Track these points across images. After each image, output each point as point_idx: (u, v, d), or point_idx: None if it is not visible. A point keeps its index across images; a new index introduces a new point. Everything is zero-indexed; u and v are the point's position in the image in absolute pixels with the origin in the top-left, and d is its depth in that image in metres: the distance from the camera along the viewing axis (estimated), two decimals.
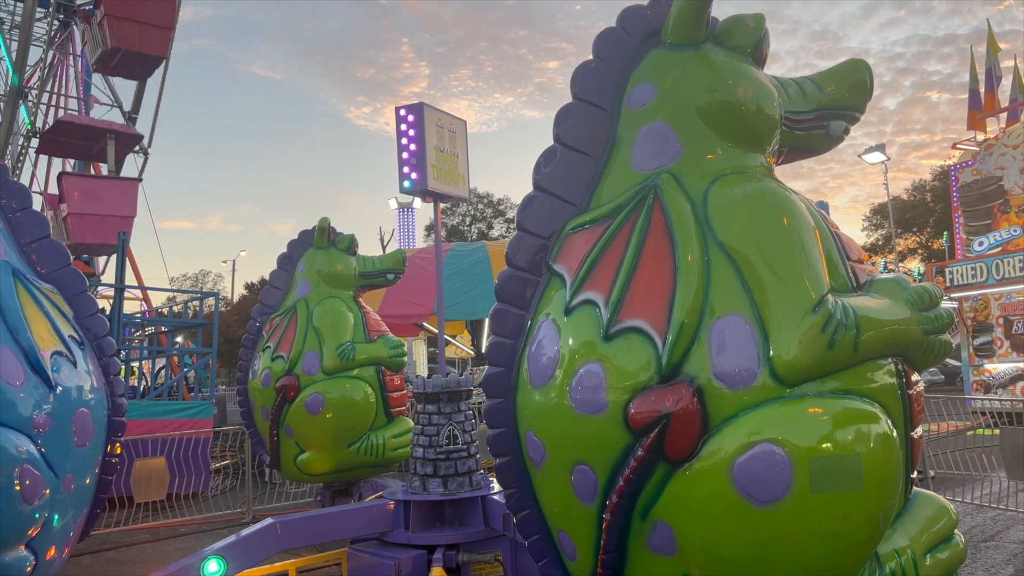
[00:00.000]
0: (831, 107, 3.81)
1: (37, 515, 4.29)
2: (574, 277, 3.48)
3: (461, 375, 6.15)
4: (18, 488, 4.13)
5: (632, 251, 3.31)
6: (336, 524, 5.84)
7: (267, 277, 8.97)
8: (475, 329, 19.06)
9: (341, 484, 8.23)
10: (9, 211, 5.12)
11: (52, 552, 4.56)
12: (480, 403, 11.54)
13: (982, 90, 20.38)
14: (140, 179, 17.56)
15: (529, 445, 3.64)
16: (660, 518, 3.11)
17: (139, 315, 17.86)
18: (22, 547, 4.29)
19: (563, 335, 3.43)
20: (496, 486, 5.93)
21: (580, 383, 3.28)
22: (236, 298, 52.39)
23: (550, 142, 3.86)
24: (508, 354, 3.79)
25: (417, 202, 40.36)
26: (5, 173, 5.23)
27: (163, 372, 17.40)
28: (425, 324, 16.21)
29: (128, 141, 17.73)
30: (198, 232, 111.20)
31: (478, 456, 6.13)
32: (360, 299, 8.38)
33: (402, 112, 6.69)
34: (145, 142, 18.43)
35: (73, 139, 17.18)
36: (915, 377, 3.33)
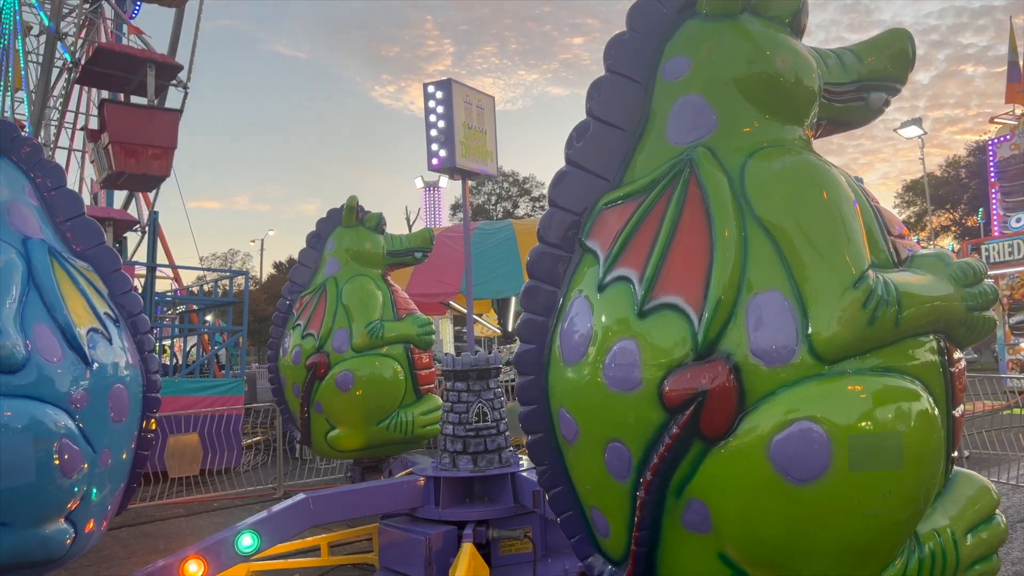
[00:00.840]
0: (871, 78, 3.70)
1: (76, 489, 4.36)
2: (607, 253, 3.42)
3: (489, 353, 6.14)
4: (57, 462, 4.20)
5: (667, 226, 3.25)
6: (368, 500, 5.90)
7: (295, 256, 9.03)
8: (501, 308, 19.06)
9: (371, 461, 8.31)
10: (44, 190, 5.16)
11: (91, 525, 4.64)
12: (508, 381, 11.62)
13: (1021, 62, 19.87)
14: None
15: (562, 422, 3.62)
16: (695, 496, 3.08)
17: (170, 294, 18.12)
18: (62, 520, 4.38)
19: (596, 312, 3.39)
20: (525, 463, 5.94)
21: (614, 360, 3.24)
22: (265, 277, 53.00)
23: (575, 119, 3.78)
24: (540, 331, 3.75)
25: (443, 181, 40.43)
26: (40, 152, 5.27)
27: (194, 350, 17.65)
28: (452, 303, 16.23)
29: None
30: (227, 212, 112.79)
31: (507, 433, 6.14)
32: (388, 277, 8.40)
33: (430, 88, 6.64)
34: (138, 225, 18.85)
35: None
36: (957, 355, 3.25)
